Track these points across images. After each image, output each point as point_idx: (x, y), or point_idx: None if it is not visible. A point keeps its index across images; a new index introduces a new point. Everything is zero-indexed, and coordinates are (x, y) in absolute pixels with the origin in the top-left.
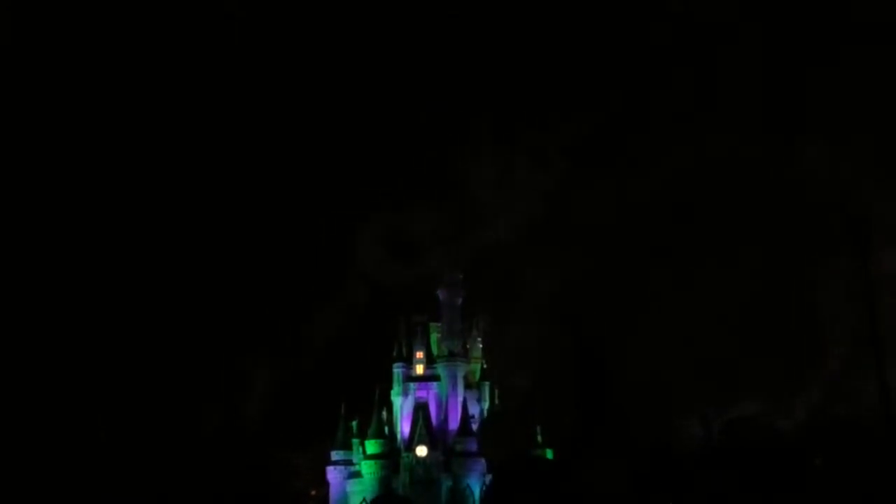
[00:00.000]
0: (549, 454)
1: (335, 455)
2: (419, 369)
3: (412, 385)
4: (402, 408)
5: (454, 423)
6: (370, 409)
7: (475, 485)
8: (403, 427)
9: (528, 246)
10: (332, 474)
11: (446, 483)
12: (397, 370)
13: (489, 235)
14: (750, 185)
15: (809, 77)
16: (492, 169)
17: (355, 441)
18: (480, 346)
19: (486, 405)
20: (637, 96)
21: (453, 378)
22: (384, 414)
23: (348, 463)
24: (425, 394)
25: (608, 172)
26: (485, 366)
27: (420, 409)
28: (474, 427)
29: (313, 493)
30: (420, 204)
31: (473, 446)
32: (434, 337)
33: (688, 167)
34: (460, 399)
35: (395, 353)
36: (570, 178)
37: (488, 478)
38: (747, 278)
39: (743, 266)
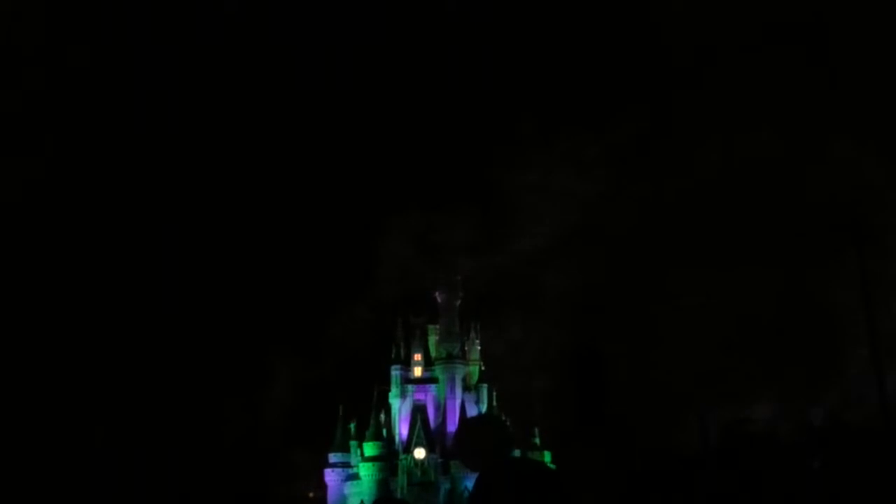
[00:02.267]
0: (548, 457)
1: (333, 457)
2: (417, 371)
3: (410, 387)
4: (400, 410)
5: (452, 426)
6: (368, 411)
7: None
8: (401, 429)
9: (551, 250)
10: (330, 476)
11: (444, 485)
12: (395, 372)
13: (516, 240)
14: (773, 186)
15: (835, 76)
16: (524, 174)
17: (353, 443)
18: (479, 348)
19: (485, 407)
20: (667, 99)
21: (451, 380)
22: (382, 416)
23: (346, 465)
24: (423, 396)
25: (637, 176)
26: (483, 368)
27: (418, 412)
28: None
29: (311, 495)
30: (449, 207)
31: None
32: (432, 339)
33: (715, 166)
34: (458, 401)
35: (392, 355)
36: (598, 182)
37: None
38: (764, 280)
39: (761, 267)
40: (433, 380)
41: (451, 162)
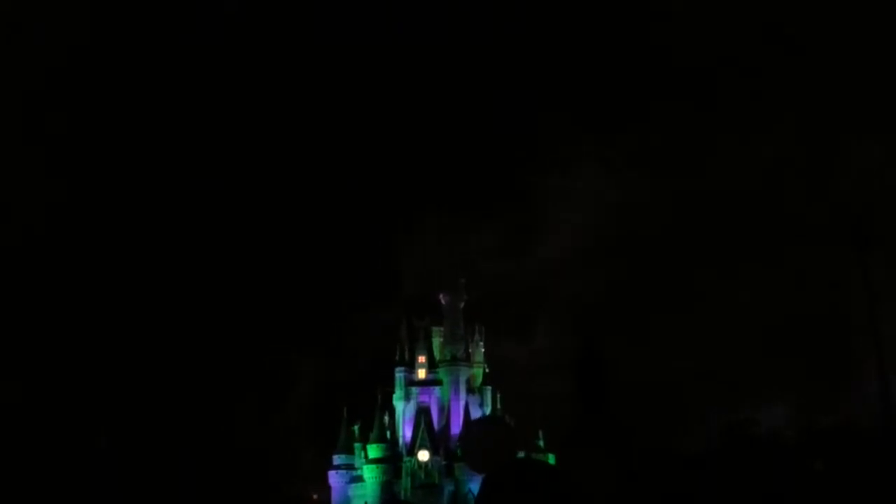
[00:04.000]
0: (551, 459)
1: (337, 459)
2: (421, 374)
3: (414, 389)
4: (403, 412)
5: (456, 428)
6: (372, 413)
7: (477, 489)
8: (405, 431)
9: (559, 254)
10: (334, 478)
11: (448, 488)
12: (399, 374)
13: (524, 243)
14: (784, 190)
15: (856, 78)
16: (540, 178)
17: (357, 445)
18: (483, 350)
19: (489, 410)
20: (680, 105)
21: (455, 382)
22: (386, 418)
23: (350, 467)
24: (427, 398)
25: (648, 182)
26: (487, 370)
27: (422, 414)
28: None
29: (315, 496)
30: (463, 210)
31: None
32: (436, 341)
33: (728, 171)
34: (462, 403)
35: (396, 358)
36: (607, 188)
37: None
38: (782, 281)
39: (781, 269)
40: (437, 382)
41: (470, 167)
